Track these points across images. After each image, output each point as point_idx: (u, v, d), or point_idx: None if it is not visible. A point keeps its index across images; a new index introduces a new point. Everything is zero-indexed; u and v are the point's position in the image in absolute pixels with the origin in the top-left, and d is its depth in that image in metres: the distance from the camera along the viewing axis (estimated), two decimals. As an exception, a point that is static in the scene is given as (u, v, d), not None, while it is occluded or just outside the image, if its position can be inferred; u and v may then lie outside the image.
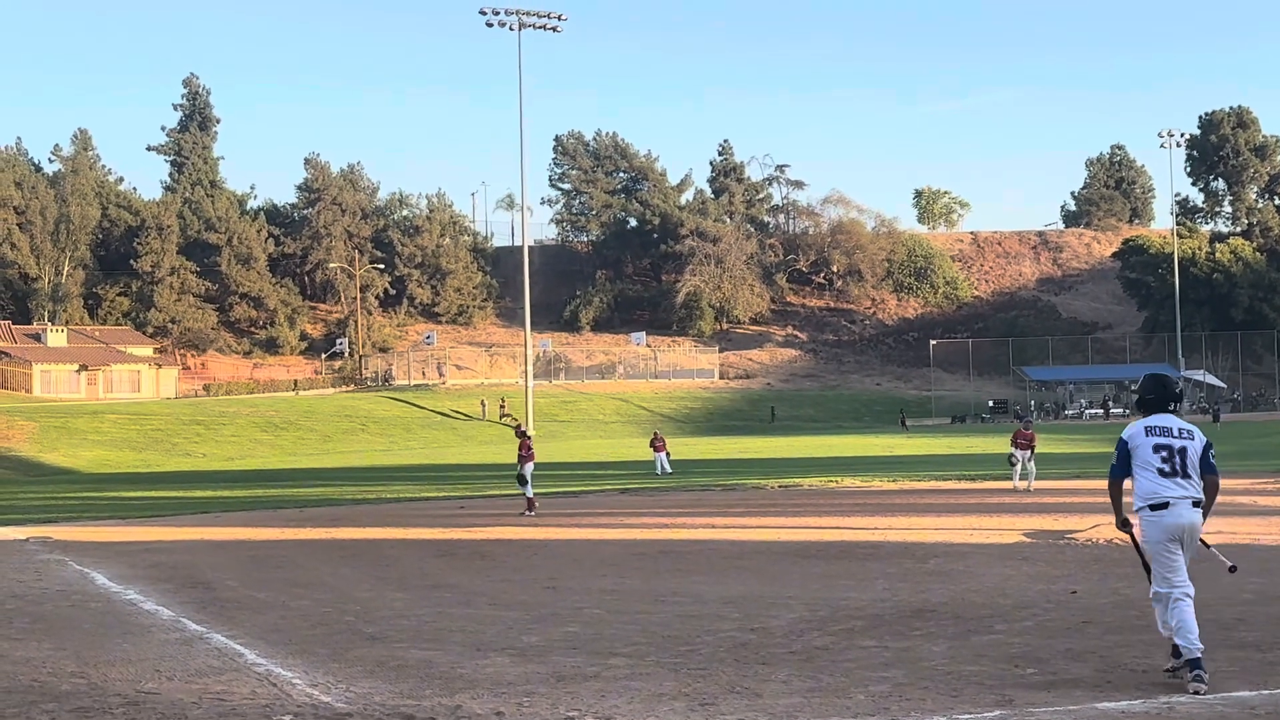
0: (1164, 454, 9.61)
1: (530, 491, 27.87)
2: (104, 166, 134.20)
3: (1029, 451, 30.58)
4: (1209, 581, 14.59)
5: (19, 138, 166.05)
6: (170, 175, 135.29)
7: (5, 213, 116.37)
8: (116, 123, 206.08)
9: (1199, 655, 9.17)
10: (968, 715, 8.51)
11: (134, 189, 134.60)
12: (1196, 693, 8.96)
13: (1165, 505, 9.51)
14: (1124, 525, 10.03)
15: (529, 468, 27.97)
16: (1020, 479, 30.52)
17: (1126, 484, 9.80)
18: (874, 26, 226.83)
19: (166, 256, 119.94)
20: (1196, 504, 9.57)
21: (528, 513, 27.08)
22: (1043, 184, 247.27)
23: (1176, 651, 9.40)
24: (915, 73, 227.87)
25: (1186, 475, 9.57)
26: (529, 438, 29.34)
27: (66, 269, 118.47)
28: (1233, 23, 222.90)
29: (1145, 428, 9.80)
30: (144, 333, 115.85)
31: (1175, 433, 9.73)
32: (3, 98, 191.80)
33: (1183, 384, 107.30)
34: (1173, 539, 9.52)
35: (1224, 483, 10.34)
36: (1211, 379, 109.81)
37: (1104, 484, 10.40)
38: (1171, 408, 9.99)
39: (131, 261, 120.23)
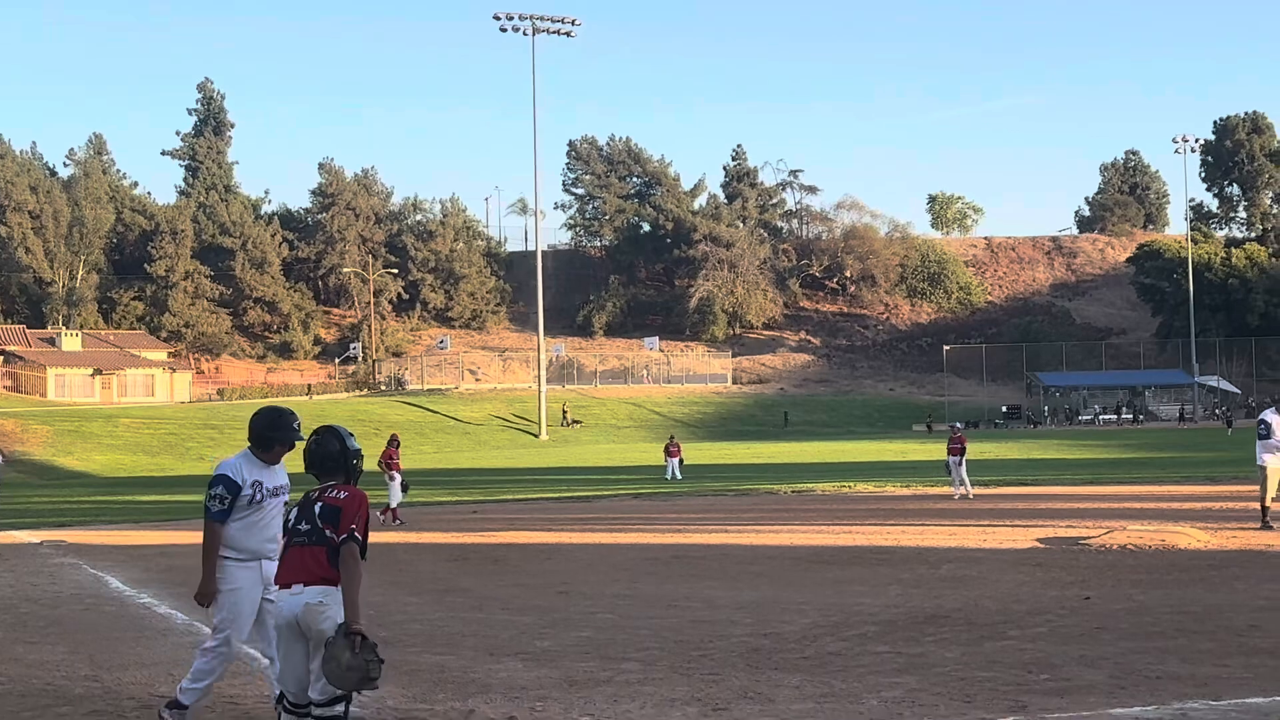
0: None
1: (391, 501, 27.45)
2: (118, 171, 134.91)
3: (959, 458, 30.55)
4: (1223, 587, 14.58)
5: (34, 142, 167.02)
6: (184, 180, 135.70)
7: (20, 217, 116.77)
8: (131, 127, 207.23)
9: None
10: (981, 721, 8.49)
11: (148, 193, 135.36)
12: None
13: None
14: None
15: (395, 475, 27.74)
16: (958, 485, 30.51)
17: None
18: (888, 32, 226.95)
19: (180, 261, 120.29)
20: None
21: (396, 521, 26.79)
22: (1056, 189, 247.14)
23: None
24: (929, 78, 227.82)
25: None
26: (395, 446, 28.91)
27: (80, 273, 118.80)
28: (1248, 28, 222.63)
29: None
30: (158, 337, 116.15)
31: None
32: (18, 102, 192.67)
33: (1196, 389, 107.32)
34: None
35: (1238, 489, 10.29)
36: (1226, 385, 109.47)
37: (1115, 490, 10.40)
38: None
39: (145, 266, 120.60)
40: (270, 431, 8.73)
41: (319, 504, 7.46)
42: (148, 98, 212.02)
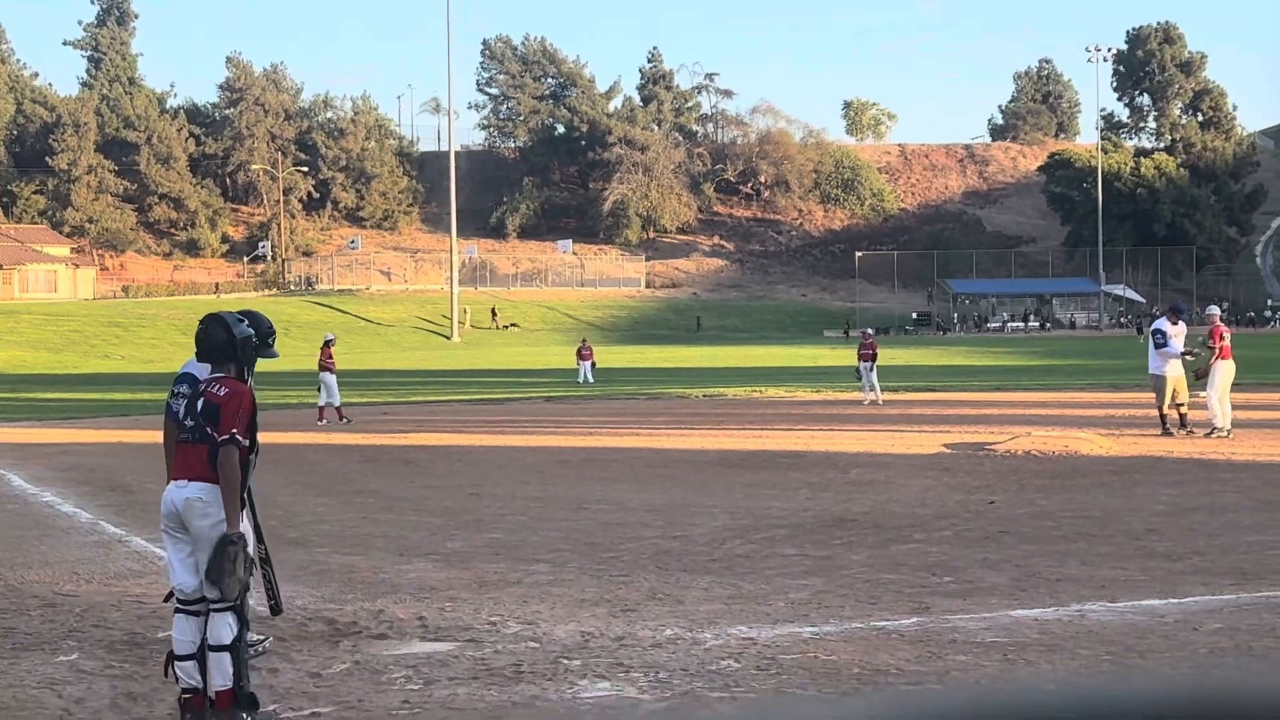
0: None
1: (325, 400, 27.61)
2: (18, 60, 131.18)
3: (870, 364, 30.94)
4: (1123, 492, 14.90)
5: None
6: (87, 71, 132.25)
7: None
8: (31, 16, 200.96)
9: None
10: (885, 622, 8.62)
11: (50, 85, 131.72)
12: None
13: None
14: None
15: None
16: (869, 390, 30.89)
17: None
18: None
19: (83, 154, 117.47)
20: None
21: (321, 421, 26.96)
22: (970, 97, 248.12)
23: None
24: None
25: None
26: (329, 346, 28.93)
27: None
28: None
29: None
30: (60, 232, 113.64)
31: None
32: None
33: (1102, 298, 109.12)
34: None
35: (1140, 397, 10.43)
36: (1132, 294, 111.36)
37: (1021, 396, 10.50)
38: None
39: (47, 159, 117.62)
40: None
41: (201, 399, 7.26)
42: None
